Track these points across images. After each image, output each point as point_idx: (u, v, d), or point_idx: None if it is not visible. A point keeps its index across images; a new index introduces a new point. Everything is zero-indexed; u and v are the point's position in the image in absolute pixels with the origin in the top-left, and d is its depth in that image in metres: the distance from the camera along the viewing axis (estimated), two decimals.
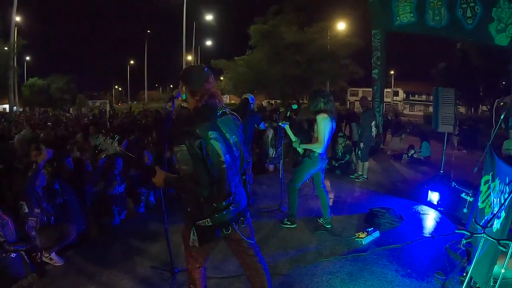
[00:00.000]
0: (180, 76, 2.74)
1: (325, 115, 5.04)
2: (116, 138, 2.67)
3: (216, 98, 2.66)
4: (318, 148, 5.10)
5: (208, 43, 43.12)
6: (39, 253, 4.10)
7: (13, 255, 3.92)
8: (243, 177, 2.84)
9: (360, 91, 44.15)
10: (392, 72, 51.18)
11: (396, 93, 56.22)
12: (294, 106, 5.87)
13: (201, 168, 2.45)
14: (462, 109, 39.96)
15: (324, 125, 5.02)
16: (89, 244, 4.92)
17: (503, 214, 3.45)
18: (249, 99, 6.44)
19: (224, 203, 2.59)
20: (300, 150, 5.31)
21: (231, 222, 2.65)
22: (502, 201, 3.68)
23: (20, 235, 4.10)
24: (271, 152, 9.27)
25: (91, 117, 19.29)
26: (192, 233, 2.64)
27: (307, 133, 6.49)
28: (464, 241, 3.23)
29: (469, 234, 2.84)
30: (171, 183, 2.71)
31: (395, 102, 53.34)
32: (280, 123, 5.79)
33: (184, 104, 2.79)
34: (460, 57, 27.49)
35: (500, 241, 2.77)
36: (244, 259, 2.89)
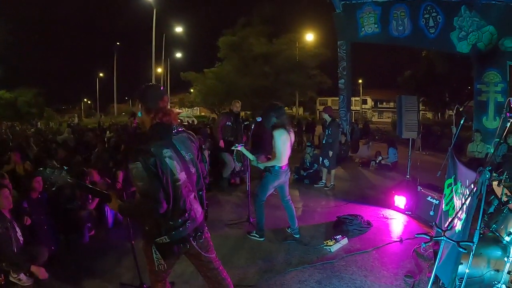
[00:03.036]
0: (136, 95, 2.73)
1: (281, 130, 5.04)
2: (65, 169, 2.61)
3: (170, 116, 2.66)
4: (275, 163, 5.10)
5: (178, 55, 42.94)
6: (2, 275, 3.97)
7: None
8: (199, 193, 2.86)
9: (329, 100, 44.81)
10: (360, 81, 52.25)
11: (364, 101, 57.36)
12: (258, 119, 5.90)
13: (156, 185, 2.44)
14: (429, 115, 41.15)
15: (280, 140, 5.01)
16: (58, 262, 4.72)
17: (464, 216, 3.53)
18: None
19: (180, 220, 2.61)
20: (261, 166, 5.29)
21: (189, 238, 2.66)
22: (464, 203, 3.77)
23: None
24: (238, 165, 9.21)
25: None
26: (153, 252, 2.64)
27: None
28: (423, 245, 3.29)
29: (428, 237, 2.88)
30: (125, 211, 2.73)
31: (363, 110, 54.38)
32: (233, 147, 5.84)
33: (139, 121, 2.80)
34: (425, 65, 28.30)
35: (460, 243, 2.83)
36: (206, 272, 2.90)
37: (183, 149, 2.66)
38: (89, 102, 66.95)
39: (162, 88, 2.78)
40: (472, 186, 3.30)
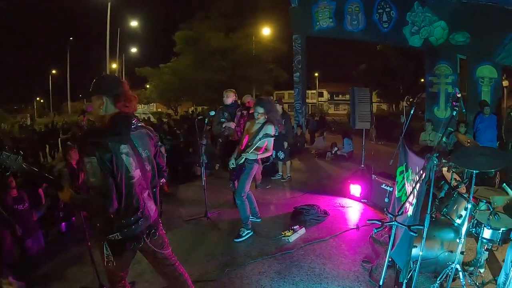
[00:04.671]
0: (97, 88, 2.59)
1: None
2: (21, 155, 2.48)
3: (132, 103, 2.62)
4: (267, 154, 5.27)
5: (133, 50, 41.79)
6: None
7: None
8: (153, 190, 2.80)
9: (286, 93, 45.22)
10: (316, 74, 53.02)
11: (321, 94, 58.30)
12: (212, 113, 5.84)
13: (109, 183, 2.37)
14: (384, 106, 42.42)
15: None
16: (14, 271, 4.47)
17: (415, 201, 3.66)
18: None
19: (132, 218, 2.58)
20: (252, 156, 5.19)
21: (142, 236, 2.64)
22: (415, 189, 3.91)
23: None
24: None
25: None
26: (104, 248, 2.58)
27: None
28: (375, 230, 3.39)
29: (380, 223, 2.97)
30: (76, 203, 2.60)
31: (320, 103, 55.25)
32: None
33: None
34: (380, 58, 29.13)
35: (411, 227, 2.93)
36: (162, 269, 2.89)
37: (140, 146, 2.62)
38: (42, 101, 63.89)
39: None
40: (421, 172, 3.42)
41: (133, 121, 2.61)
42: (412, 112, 5.24)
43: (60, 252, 5.12)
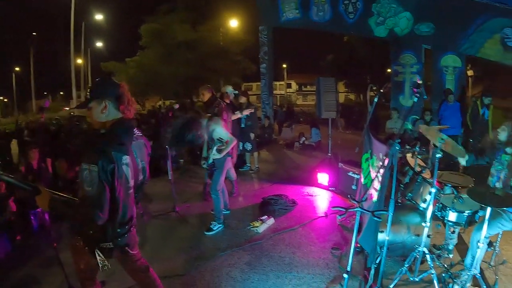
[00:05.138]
0: (97, 91, 2.51)
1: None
2: None
3: (133, 107, 2.59)
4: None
5: (99, 44, 40.63)
6: None
7: None
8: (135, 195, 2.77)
9: (254, 85, 45.11)
10: (284, 65, 53.08)
11: (289, 85, 58.48)
12: (175, 106, 5.78)
13: (105, 195, 2.28)
14: (351, 96, 43.02)
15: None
16: None
17: (379, 187, 3.72)
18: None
19: (126, 227, 2.58)
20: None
21: (129, 244, 2.65)
22: (379, 175, 3.97)
23: None
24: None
25: None
26: (97, 254, 2.52)
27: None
28: (339, 217, 3.43)
29: (343, 210, 3.00)
30: (59, 209, 2.45)
31: (288, 94, 55.46)
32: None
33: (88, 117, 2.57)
34: (347, 49, 29.45)
35: (374, 213, 2.97)
36: (131, 267, 2.83)
37: (139, 157, 2.60)
38: (5, 100, 61.26)
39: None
40: (385, 158, 3.47)
41: (135, 130, 2.57)
42: (376, 101, 5.30)
43: (28, 254, 4.94)
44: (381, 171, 3.75)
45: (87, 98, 2.49)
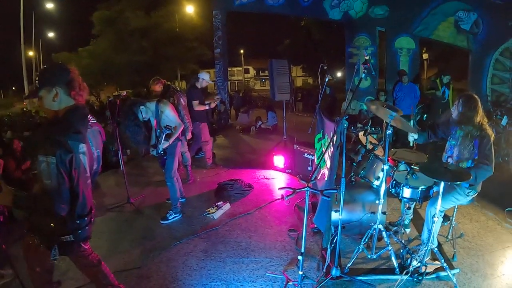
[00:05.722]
0: (45, 79, 2.37)
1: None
2: None
3: (85, 92, 2.49)
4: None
5: (51, 35, 38.65)
6: None
7: None
8: None
9: (212, 71, 44.81)
10: (242, 51, 52.83)
11: (247, 71, 58.38)
12: (122, 94, 5.59)
13: (65, 186, 2.21)
14: (309, 80, 43.50)
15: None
16: None
17: (329, 165, 3.71)
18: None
19: (86, 219, 2.51)
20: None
21: (89, 236, 2.60)
22: (329, 154, 3.98)
23: None
24: None
25: None
26: (53, 248, 2.42)
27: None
28: (286, 198, 3.41)
29: (291, 190, 2.96)
30: (22, 205, 2.28)
31: (246, 79, 55.39)
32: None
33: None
34: (304, 33, 29.58)
35: (324, 192, 2.95)
36: (83, 261, 2.72)
37: (94, 145, 2.55)
38: None
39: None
40: (333, 136, 3.46)
41: (89, 117, 2.47)
42: (327, 80, 5.30)
43: None
44: (331, 149, 3.74)
45: (36, 87, 2.38)
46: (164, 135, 4.83)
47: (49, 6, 29.73)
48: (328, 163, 3.96)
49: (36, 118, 13.99)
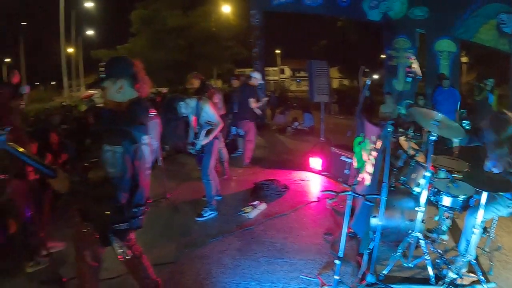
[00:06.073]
0: (111, 71, 2.48)
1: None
2: (6, 131, 2.15)
3: (147, 85, 2.59)
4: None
5: (90, 33, 40.16)
6: None
7: None
8: None
9: (248, 71, 44.98)
10: (278, 51, 52.74)
11: (282, 71, 58.26)
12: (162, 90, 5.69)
13: (127, 176, 2.29)
14: (345, 82, 43.02)
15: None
16: None
17: (372, 170, 3.63)
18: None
19: (142, 209, 2.54)
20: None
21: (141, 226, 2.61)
22: (372, 159, 3.90)
23: None
24: None
25: None
26: (113, 240, 2.42)
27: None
28: (329, 201, 3.35)
29: (334, 193, 2.91)
30: (80, 189, 2.40)
31: (282, 79, 55.26)
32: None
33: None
34: (340, 34, 29.28)
35: (366, 197, 2.89)
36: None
37: (154, 137, 2.53)
38: None
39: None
40: (377, 141, 3.39)
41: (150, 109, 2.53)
42: (368, 83, 5.20)
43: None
44: (374, 154, 3.67)
45: (100, 77, 2.47)
46: (204, 131, 4.87)
47: (88, 5, 30.80)
48: (369, 168, 3.89)
49: (75, 112, 14.36)
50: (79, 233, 2.56)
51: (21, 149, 2.21)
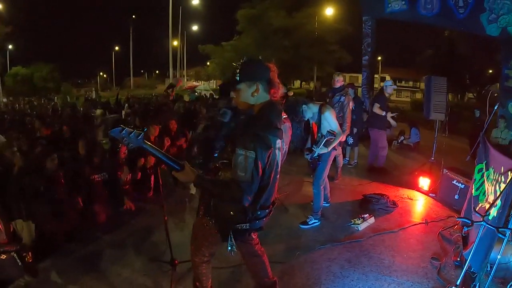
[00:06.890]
0: (249, 73, 2.43)
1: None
2: (144, 132, 2.35)
3: (280, 90, 2.53)
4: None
5: (195, 28, 42.70)
6: (30, 253, 3.89)
7: (3, 256, 3.68)
8: None
9: (348, 76, 44.19)
10: (379, 58, 51.25)
11: (383, 79, 56.43)
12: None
13: (257, 181, 2.27)
14: (449, 97, 40.53)
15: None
16: (82, 239, 4.73)
17: (499, 203, 3.54)
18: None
19: (266, 211, 2.58)
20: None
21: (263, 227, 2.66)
22: (498, 190, 3.78)
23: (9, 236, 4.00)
24: None
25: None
26: (230, 238, 2.53)
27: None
28: (465, 229, 3.32)
29: (469, 222, 2.92)
30: (206, 186, 2.50)
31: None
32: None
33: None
34: (447, 45, 27.65)
35: (499, 229, 2.86)
36: (250, 249, 2.87)
37: (285, 141, 2.56)
38: (105, 76, 66.65)
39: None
40: (509, 173, 3.31)
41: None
42: (496, 108, 5.00)
43: (132, 221, 5.38)
44: (502, 186, 3.57)
45: (235, 79, 2.42)
46: (324, 141, 4.96)
47: (195, 2, 32.71)
48: (492, 199, 3.78)
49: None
50: (200, 225, 2.71)
51: (154, 147, 2.37)
